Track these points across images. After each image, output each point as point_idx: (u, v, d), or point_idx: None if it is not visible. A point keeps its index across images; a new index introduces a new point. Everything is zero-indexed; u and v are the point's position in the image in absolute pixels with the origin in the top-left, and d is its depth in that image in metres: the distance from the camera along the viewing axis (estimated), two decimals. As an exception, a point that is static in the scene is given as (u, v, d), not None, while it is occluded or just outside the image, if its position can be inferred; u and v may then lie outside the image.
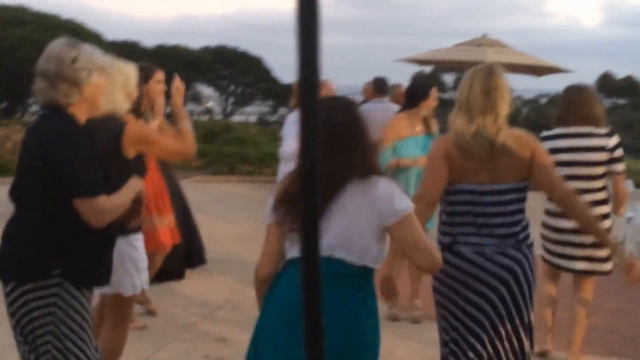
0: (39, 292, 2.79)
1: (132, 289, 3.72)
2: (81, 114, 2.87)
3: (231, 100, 27.24)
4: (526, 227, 3.33)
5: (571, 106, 4.50)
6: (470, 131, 3.18)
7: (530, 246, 3.33)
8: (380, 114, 6.33)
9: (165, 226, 5.32)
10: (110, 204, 2.82)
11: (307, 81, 0.83)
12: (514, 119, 3.41)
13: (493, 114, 3.18)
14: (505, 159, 3.19)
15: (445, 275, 3.24)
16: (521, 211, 3.30)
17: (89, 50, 2.89)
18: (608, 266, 4.48)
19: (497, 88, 3.20)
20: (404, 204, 2.54)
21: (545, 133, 4.52)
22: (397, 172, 5.52)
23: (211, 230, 7.82)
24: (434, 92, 5.71)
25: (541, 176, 3.26)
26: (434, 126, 5.77)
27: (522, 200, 3.30)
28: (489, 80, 3.20)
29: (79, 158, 2.77)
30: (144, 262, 3.79)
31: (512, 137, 3.21)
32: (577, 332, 4.60)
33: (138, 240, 3.78)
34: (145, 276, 3.80)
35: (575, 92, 4.59)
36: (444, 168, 3.21)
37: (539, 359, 4.71)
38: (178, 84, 3.86)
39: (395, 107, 6.59)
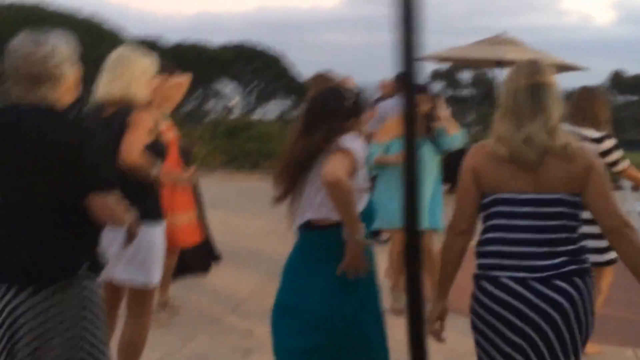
0: (69, 290, 2.71)
1: (158, 279, 3.74)
2: (64, 104, 2.79)
3: (252, 97, 27.35)
4: (580, 250, 2.79)
5: (575, 107, 4.62)
6: (520, 138, 2.74)
7: (585, 273, 2.77)
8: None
9: (184, 224, 5.34)
10: (119, 200, 2.78)
11: (406, 71, 0.89)
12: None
13: (543, 117, 2.76)
14: (556, 166, 2.74)
15: (482, 308, 2.80)
16: (572, 229, 2.78)
17: (56, 42, 2.75)
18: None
19: (545, 86, 2.81)
20: (333, 174, 2.83)
21: None
22: (384, 169, 5.61)
23: (234, 225, 7.93)
24: (421, 99, 5.48)
25: (595, 197, 2.75)
26: (453, 125, 5.75)
27: (574, 216, 2.78)
28: (535, 78, 2.82)
29: (86, 153, 2.70)
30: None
31: (569, 143, 2.75)
32: None
33: (163, 229, 3.79)
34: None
35: (581, 94, 4.73)
36: (471, 187, 2.84)
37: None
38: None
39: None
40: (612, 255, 4.54)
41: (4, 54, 2.74)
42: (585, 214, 2.82)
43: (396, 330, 5.33)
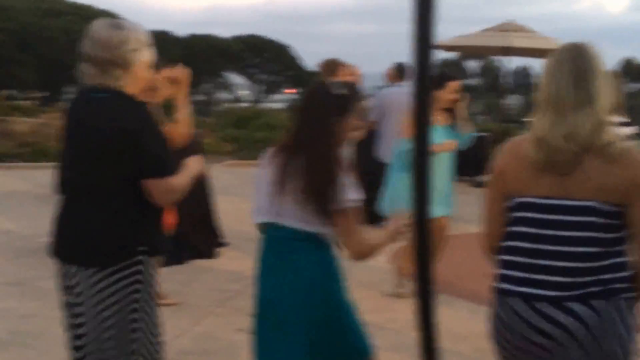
0: (125, 272, 2.78)
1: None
2: (134, 90, 2.85)
3: (260, 87, 27.47)
4: (613, 268, 2.31)
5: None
6: (561, 132, 2.30)
7: (613, 295, 2.29)
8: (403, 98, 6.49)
9: None
10: (178, 184, 2.85)
11: (421, 62, 0.93)
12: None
13: (589, 108, 2.31)
14: (592, 167, 2.28)
15: (496, 330, 2.47)
16: (606, 243, 2.31)
17: (133, 29, 2.83)
18: None
19: (590, 72, 2.34)
20: (344, 203, 2.75)
21: None
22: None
23: (242, 211, 8.07)
24: (451, 85, 5.58)
25: (635, 212, 2.29)
26: (461, 113, 5.74)
27: (609, 228, 2.31)
28: (579, 63, 2.35)
29: (156, 138, 2.78)
30: None
31: (614, 142, 2.30)
32: None
33: None
34: None
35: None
36: (498, 195, 2.49)
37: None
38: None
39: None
40: None
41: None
42: None
43: (399, 314, 5.50)
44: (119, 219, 2.79)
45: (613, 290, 2.28)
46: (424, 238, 2.04)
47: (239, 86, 28.60)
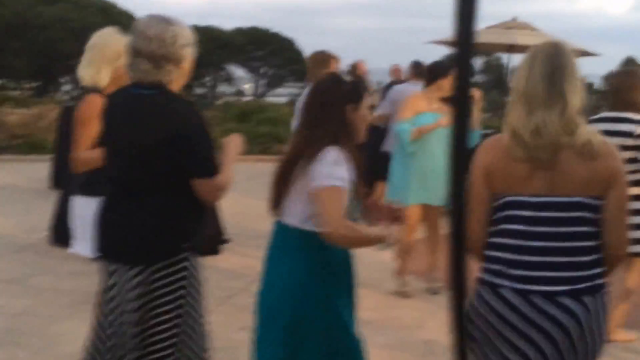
0: (171, 269, 2.85)
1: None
2: (178, 88, 2.89)
3: (263, 81, 27.38)
4: (598, 261, 2.44)
5: (613, 90, 4.56)
6: (529, 127, 2.39)
7: (597, 293, 2.42)
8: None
9: None
10: (225, 181, 2.87)
11: (461, 62, 0.88)
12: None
13: (559, 105, 2.39)
14: (575, 164, 2.38)
15: (480, 319, 2.51)
16: (593, 236, 2.42)
17: (180, 24, 2.86)
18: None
19: (564, 70, 2.42)
20: (326, 179, 2.65)
21: (591, 117, 4.54)
22: (421, 144, 5.58)
23: (245, 208, 7.99)
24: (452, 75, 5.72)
25: (611, 213, 2.42)
26: (476, 122, 5.77)
27: (593, 222, 2.42)
28: (554, 61, 2.44)
29: (203, 138, 2.80)
30: None
31: (591, 140, 2.39)
32: (618, 310, 4.68)
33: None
34: None
35: (616, 77, 4.64)
36: (483, 192, 2.50)
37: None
38: None
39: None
40: None
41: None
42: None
43: (402, 312, 5.49)
44: (166, 216, 2.83)
45: (597, 286, 2.41)
46: (459, 243, 1.94)
47: (241, 79, 28.50)
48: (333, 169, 2.66)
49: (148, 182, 2.80)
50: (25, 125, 13.83)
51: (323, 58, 6.18)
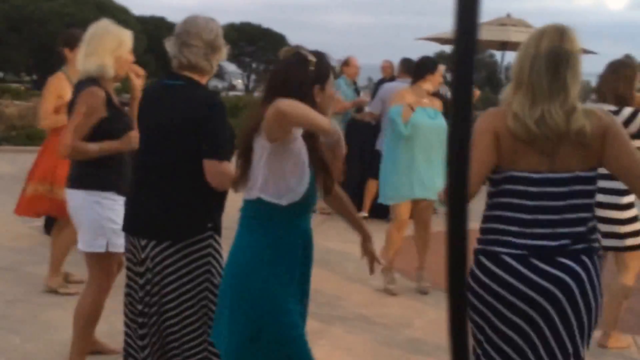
0: (196, 246, 3.04)
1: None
2: (207, 79, 3.20)
3: (254, 76, 27.40)
4: (593, 229, 2.56)
5: (599, 83, 4.58)
6: (534, 117, 2.45)
7: (593, 253, 2.53)
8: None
9: None
10: (230, 169, 2.96)
11: (464, 52, 0.87)
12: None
13: (562, 95, 2.46)
14: (572, 147, 2.47)
15: (478, 285, 2.56)
16: (586, 208, 2.53)
17: (214, 21, 3.18)
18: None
19: (568, 60, 2.46)
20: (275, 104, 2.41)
21: None
22: (414, 133, 5.57)
23: (235, 200, 8.03)
24: (440, 69, 5.73)
25: (616, 159, 2.48)
26: (438, 105, 5.79)
27: (590, 194, 2.54)
28: (559, 51, 2.46)
29: (221, 123, 3.01)
30: None
31: (587, 118, 2.46)
32: (611, 310, 4.69)
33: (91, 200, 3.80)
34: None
35: (606, 68, 4.61)
36: (490, 149, 2.52)
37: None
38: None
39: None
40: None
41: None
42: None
43: (389, 309, 5.54)
44: (192, 196, 3.02)
45: (594, 248, 2.53)
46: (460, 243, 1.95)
47: (233, 74, 28.51)
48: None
49: (174, 164, 3.00)
50: (23, 117, 13.90)
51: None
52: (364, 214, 8.29)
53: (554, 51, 2.45)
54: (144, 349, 3.15)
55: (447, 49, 28.11)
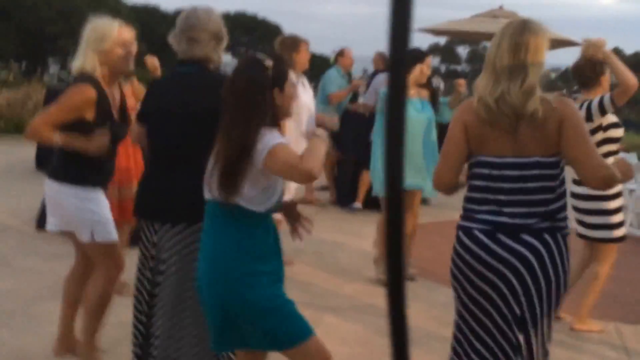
0: None
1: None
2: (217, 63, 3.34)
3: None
4: (558, 210, 2.78)
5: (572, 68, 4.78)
6: (494, 95, 2.73)
7: (557, 232, 2.77)
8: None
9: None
10: None
11: (396, 50, 0.88)
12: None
13: (520, 77, 2.71)
14: (531, 129, 2.70)
15: (459, 259, 2.88)
16: (548, 190, 2.75)
17: (215, 13, 3.33)
18: (620, 232, 4.70)
19: (528, 46, 2.72)
20: (271, 141, 2.63)
21: None
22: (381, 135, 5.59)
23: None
24: (428, 60, 5.72)
25: (571, 149, 2.70)
26: (425, 95, 5.80)
27: (552, 177, 2.75)
28: (521, 37, 2.73)
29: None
30: None
31: (542, 104, 2.69)
32: (589, 297, 4.84)
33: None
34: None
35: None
36: (460, 140, 2.84)
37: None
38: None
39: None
40: (621, 232, 4.68)
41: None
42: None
43: (381, 299, 5.48)
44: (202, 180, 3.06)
45: (558, 227, 2.76)
46: (398, 215, 1.97)
47: (227, 64, 28.44)
48: (270, 137, 2.66)
49: (192, 148, 3.09)
50: (12, 106, 13.77)
51: (292, 42, 6.00)
52: (358, 205, 8.30)
53: (516, 38, 2.73)
54: (152, 335, 3.24)
55: (442, 40, 28.08)
